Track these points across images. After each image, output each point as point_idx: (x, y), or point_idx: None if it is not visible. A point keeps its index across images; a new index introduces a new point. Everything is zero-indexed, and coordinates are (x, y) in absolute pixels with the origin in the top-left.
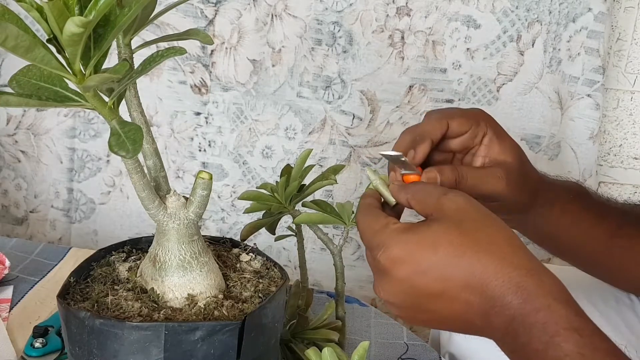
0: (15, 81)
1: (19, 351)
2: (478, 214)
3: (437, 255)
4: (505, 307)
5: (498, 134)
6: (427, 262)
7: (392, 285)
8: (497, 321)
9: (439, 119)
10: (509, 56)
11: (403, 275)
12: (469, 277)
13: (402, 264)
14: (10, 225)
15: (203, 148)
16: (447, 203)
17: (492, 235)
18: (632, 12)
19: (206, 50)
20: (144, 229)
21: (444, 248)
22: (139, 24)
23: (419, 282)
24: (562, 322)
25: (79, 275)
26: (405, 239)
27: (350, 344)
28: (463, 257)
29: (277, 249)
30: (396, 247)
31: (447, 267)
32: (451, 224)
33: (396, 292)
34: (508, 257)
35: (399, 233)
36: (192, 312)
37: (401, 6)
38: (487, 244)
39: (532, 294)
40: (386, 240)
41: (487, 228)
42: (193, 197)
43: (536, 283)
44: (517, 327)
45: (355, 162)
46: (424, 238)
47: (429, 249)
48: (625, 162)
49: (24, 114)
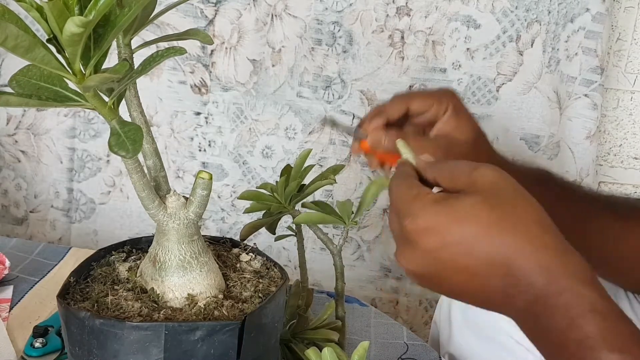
0: (15, 81)
1: (19, 351)
2: (509, 190)
3: (464, 230)
4: (529, 287)
5: (458, 111)
6: (453, 236)
7: (415, 255)
8: (519, 300)
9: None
10: (509, 56)
11: (428, 246)
12: (494, 254)
13: (429, 235)
14: (10, 225)
15: (203, 148)
16: (480, 178)
17: (521, 214)
18: (632, 12)
19: (206, 50)
20: (144, 229)
21: (471, 223)
22: (139, 24)
23: (444, 254)
24: (586, 304)
25: (79, 275)
26: (435, 210)
27: (350, 344)
28: (489, 234)
29: (277, 249)
30: (425, 217)
31: (473, 242)
32: (481, 199)
33: (419, 262)
34: (535, 237)
35: (430, 203)
36: (192, 312)
37: (401, 6)
38: (515, 222)
39: (556, 275)
40: (416, 209)
41: (517, 206)
42: (193, 197)
43: (562, 264)
44: (539, 308)
45: (355, 162)
46: (454, 211)
47: (456, 222)
48: (625, 162)
49: (24, 114)
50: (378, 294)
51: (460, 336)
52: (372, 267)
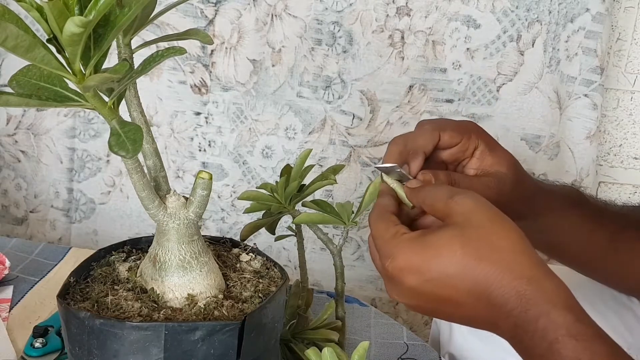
0: (15, 81)
1: (19, 351)
2: (485, 218)
3: (441, 265)
4: (509, 315)
5: (490, 146)
6: (432, 273)
7: (401, 291)
8: (503, 326)
9: (431, 131)
10: (509, 56)
11: (411, 284)
12: (473, 285)
13: (408, 274)
14: (10, 225)
15: (203, 148)
16: (455, 207)
17: (496, 243)
18: (632, 12)
19: (206, 50)
20: (144, 229)
21: (448, 258)
22: (139, 24)
23: (426, 289)
24: (561, 329)
25: (79, 275)
26: (412, 249)
27: (350, 344)
28: (466, 268)
29: (277, 249)
30: (403, 257)
31: (452, 276)
32: (457, 232)
33: (406, 296)
34: (510, 265)
35: (406, 243)
36: (192, 312)
37: (401, 6)
38: (489, 252)
39: (532, 301)
40: (394, 250)
41: (491, 234)
42: (193, 197)
43: (537, 290)
44: (520, 333)
45: (355, 162)
46: (429, 249)
47: (432, 260)
48: (625, 162)
49: (24, 114)
50: (378, 294)
51: (460, 336)
52: (372, 267)
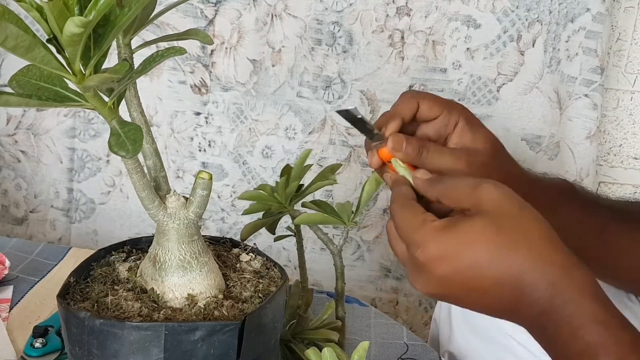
0: (15, 81)
1: (19, 351)
2: (515, 207)
3: (475, 255)
4: (536, 302)
5: (470, 123)
6: (465, 261)
7: (429, 281)
8: (526, 314)
9: (410, 98)
10: (509, 56)
11: (441, 273)
12: (504, 274)
13: (441, 263)
14: (10, 225)
15: (203, 148)
16: (484, 196)
17: (527, 232)
18: (632, 12)
19: (206, 50)
20: (144, 229)
21: (481, 247)
22: (139, 24)
23: (456, 279)
24: (587, 315)
25: (79, 275)
26: (444, 238)
27: (350, 344)
28: (499, 256)
29: (277, 249)
30: (435, 246)
31: (485, 265)
32: (489, 220)
33: (434, 286)
34: (542, 254)
35: (437, 231)
36: (192, 312)
37: (401, 6)
38: (522, 241)
39: (561, 289)
40: (425, 238)
41: (523, 224)
42: (193, 197)
43: (567, 279)
44: (544, 320)
45: (355, 162)
46: (463, 237)
47: (467, 248)
48: (625, 162)
49: (24, 114)
50: (378, 294)
51: (460, 335)
52: (372, 267)
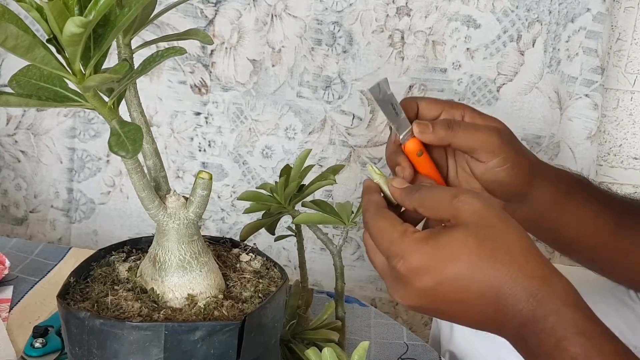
0: (15, 81)
1: (19, 351)
2: (494, 217)
3: (457, 267)
4: (517, 315)
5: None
6: (447, 274)
7: (410, 293)
8: (508, 327)
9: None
10: (509, 56)
11: (423, 285)
12: (486, 288)
13: (422, 275)
14: (10, 225)
15: (203, 148)
16: (462, 206)
17: (508, 243)
18: (632, 12)
19: (206, 50)
20: (144, 229)
21: (463, 261)
22: (139, 24)
23: (439, 291)
24: (570, 326)
25: (79, 275)
26: (426, 250)
27: (350, 344)
28: (481, 269)
29: (277, 249)
30: (417, 257)
31: (467, 278)
32: (469, 232)
33: (414, 298)
34: (522, 266)
35: (418, 243)
36: (192, 312)
37: (401, 6)
38: (503, 253)
39: (542, 301)
40: (406, 250)
41: (503, 235)
42: (193, 197)
43: (548, 290)
44: (527, 332)
45: (355, 162)
46: (444, 249)
47: (449, 261)
48: (625, 162)
49: (24, 114)
50: (378, 294)
51: (461, 335)
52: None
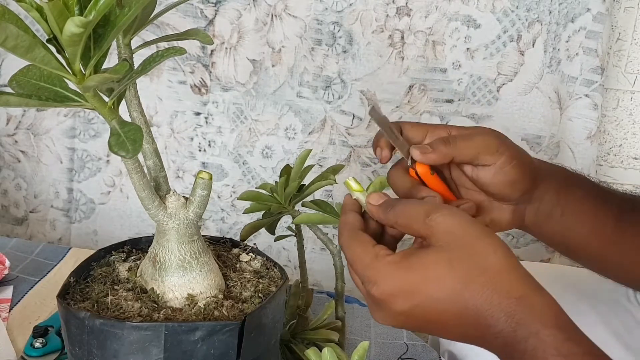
0: (15, 81)
1: (19, 351)
2: (469, 236)
3: (431, 291)
4: (499, 335)
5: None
6: (421, 297)
7: (387, 316)
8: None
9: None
10: (509, 56)
11: (399, 308)
12: (462, 310)
13: (397, 298)
14: (10, 225)
15: (203, 148)
16: (436, 226)
17: (482, 263)
18: (632, 12)
19: (206, 50)
20: (144, 229)
21: (435, 285)
22: (139, 24)
23: (416, 313)
24: (550, 348)
25: (79, 275)
26: (398, 274)
27: (350, 344)
28: (454, 293)
29: (277, 249)
30: (389, 283)
31: (441, 301)
32: (442, 255)
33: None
34: (498, 286)
35: (391, 267)
36: (192, 312)
37: (401, 6)
38: (477, 275)
39: (521, 321)
40: (378, 275)
41: (477, 255)
42: (193, 197)
43: (526, 310)
44: (510, 350)
45: (355, 162)
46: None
47: (421, 285)
48: (625, 162)
49: (24, 114)
50: None
51: None
52: None
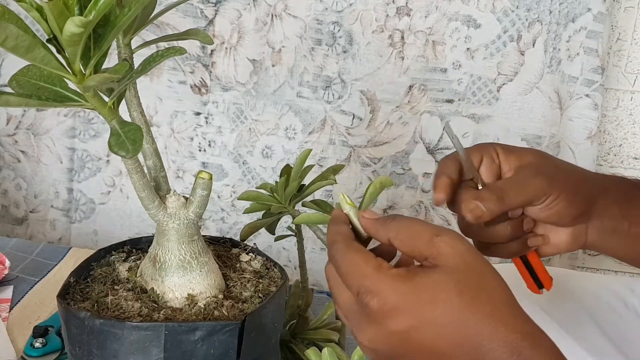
0: (15, 81)
1: (19, 351)
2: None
3: (436, 313)
4: None
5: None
6: (423, 318)
7: (379, 334)
8: None
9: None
10: (509, 56)
11: (396, 327)
12: (463, 338)
13: (397, 315)
14: (10, 225)
15: (203, 148)
16: (444, 248)
17: (490, 293)
18: (632, 12)
19: (206, 50)
20: (144, 229)
21: (442, 305)
22: (139, 24)
23: (412, 336)
24: None
25: (79, 275)
26: (404, 289)
27: (350, 344)
28: (460, 319)
29: (277, 249)
30: (393, 296)
31: (443, 325)
32: (451, 277)
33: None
34: (503, 318)
35: (395, 280)
36: (192, 312)
37: (401, 6)
38: (485, 302)
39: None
40: (381, 286)
41: (486, 283)
42: (193, 197)
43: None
44: None
45: (355, 162)
46: (423, 291)
47: (427, 304)
48: (625, 162)
49: (24, 114)
50: None
51: None
52: None
